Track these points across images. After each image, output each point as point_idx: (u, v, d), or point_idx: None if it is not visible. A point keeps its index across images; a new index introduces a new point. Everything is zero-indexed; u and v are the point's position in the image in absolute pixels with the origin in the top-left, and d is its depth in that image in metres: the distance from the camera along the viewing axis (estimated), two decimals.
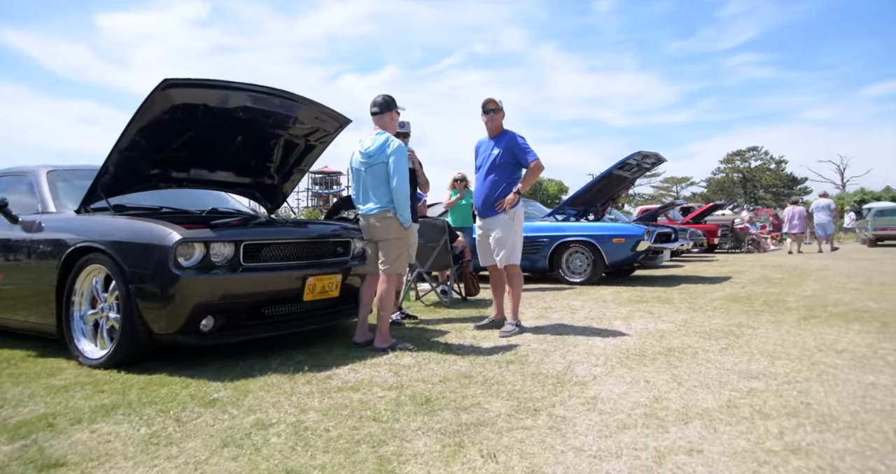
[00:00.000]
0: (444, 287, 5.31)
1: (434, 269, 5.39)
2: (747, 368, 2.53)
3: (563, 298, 5.25)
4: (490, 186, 3.66)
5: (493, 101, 3.66)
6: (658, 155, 6.86)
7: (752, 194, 47.77)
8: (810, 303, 4.44)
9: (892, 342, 2.99)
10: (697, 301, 4.79)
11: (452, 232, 5.16)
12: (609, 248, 6.25)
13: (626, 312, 4.25)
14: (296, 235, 3.19)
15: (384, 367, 2.76)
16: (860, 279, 6.26)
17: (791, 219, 13.33)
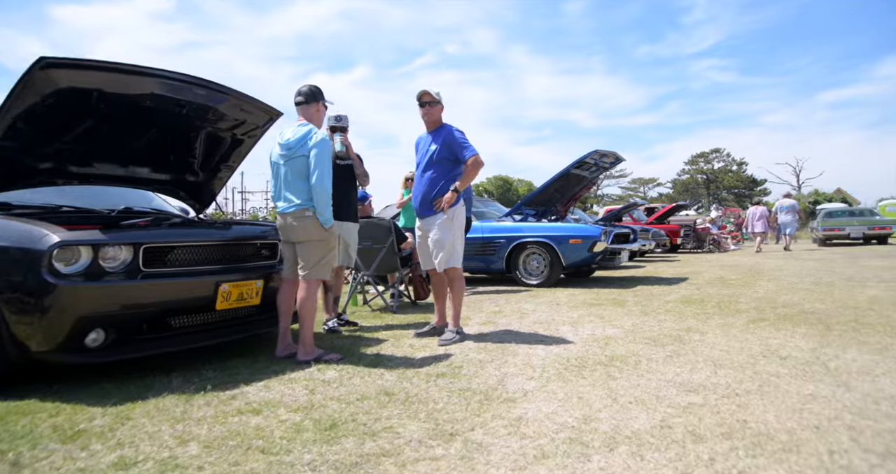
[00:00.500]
0: (394, 290, 5.06)
1: (380, 273, 5.13)
2: (688, 379, 2.37)
3: (516, 301, 5.07)
4: (427, 184, 3.43)
5: (428, 93, 3.43)
6: (616, 154, 6.77)
7: (715, 195, 49.13)
8: (761, 305, 4.38)
9: (833, 346, 2.90)
10: (651, 303, 4.68)
11: (400, 233, 4.91)
12: (566, 249, 6.11)
13: (577, 316, 4.09)
14: (210, 237, 2.89)
15: (301, 384, 2.49)
16: (811, 279, 6.30)
17: (753, 219, 13.68)
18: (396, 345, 3.35)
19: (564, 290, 5.83)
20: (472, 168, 3.34)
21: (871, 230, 15.42)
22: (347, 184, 4.02)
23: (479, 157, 3.34)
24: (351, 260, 4.10)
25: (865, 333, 3.21)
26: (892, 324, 3.46)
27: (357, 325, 4.06)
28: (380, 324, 4.13)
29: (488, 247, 6.56)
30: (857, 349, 2.84)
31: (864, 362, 2.58)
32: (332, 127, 3.98)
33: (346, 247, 4.03)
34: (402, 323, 4.18)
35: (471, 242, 6.47)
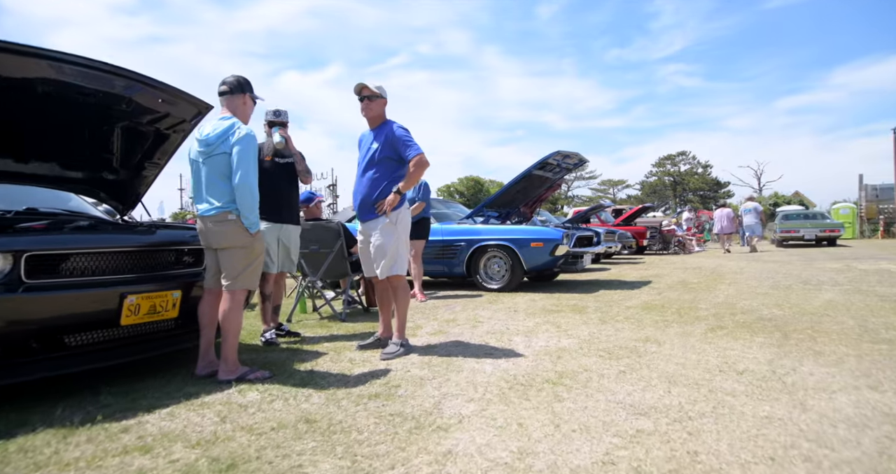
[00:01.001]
0: (346, 297, 4.78)
1: (328, 278, 4.85)
2: (640, 400, 2.19)
3: (473, 307, 4.86)
4: (368, 185, 3.17)
5: (367, 87, 3.17)
6: (579, 155, 6.65)
7: (682, 197, 50.34)
8: (720, 311, 4.28)
9: (790, 358, 2.78)
10: (611, 310, 4.53)
11: (350, 236, 4.63)
12: (527, 253, 5.94)
13: (533, 325, 3.90)
14: (116, 243, 2.55)
15: (214, 409, 2.20)
16: (769, 283, 6.31)
17: (721, 221, 14.14)
18: (336, 359, 3.08)
19: (525, 295, 5.65)
20: (417, 168, 3.09)
21: (822, 232, 16.40)
22: (288, 184, 3.73)
23: (423, 157, 3.10)
24: (293, 265, 3.81)
25: (821, 342, 3.12)
26: (846, 332, 3.39)
27: (299, 336, 3.77)
28: (324, 335, 3.85)
29: (448, 250, 6.34)
30: (814, 360, 2.72)
31: (821, 376, 2.45)
32: (271, 121, 3.68)
33: (288, 252, 3.74)
34: (349, 333, 3.91)
35: (430, 245, 6.25)
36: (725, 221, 14.20)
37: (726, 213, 14.38)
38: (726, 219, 14.20)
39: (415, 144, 3.13)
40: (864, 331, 3.39)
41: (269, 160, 3.64)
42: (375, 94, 3.19)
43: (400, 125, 3.21)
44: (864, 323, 3.67)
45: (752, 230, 13.98)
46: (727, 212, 14.41)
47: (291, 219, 3.72)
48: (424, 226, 5.75)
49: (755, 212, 14.03)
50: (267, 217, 3.61)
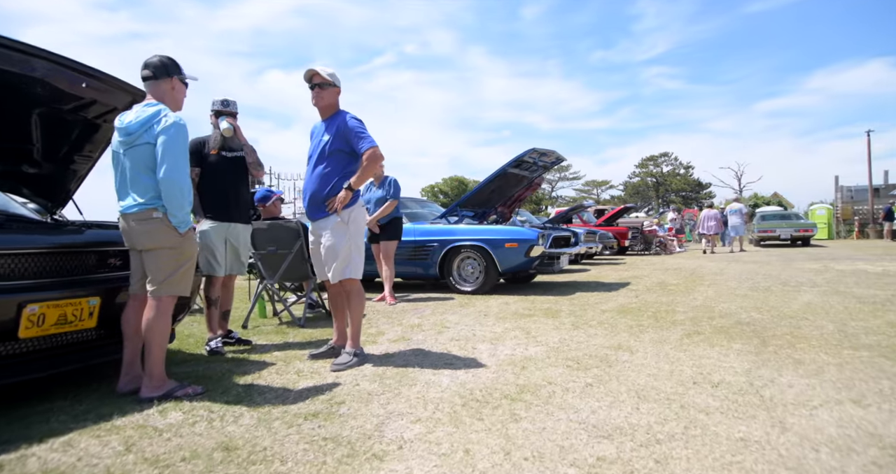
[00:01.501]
0: (308, 300, 4.50)
1: (288, 280, 4.57)
2: (605, 418, 1.97)
3: (443, 311, 4.62)
4: (319, 181, 2.91)
5: (318, 74, 2.91)
6: (556, 153, 6.46)
7: (664, 198, 50.82)
8: (697, 315, 4.11)
9: (768, 367, 2.59)
10: (585, 314, 4.33)
11: None
12: (501, 254, 5.73)
13: (501, 331, 3.68)
14: (16, 245, 2.25)
15: (123, 434, 1.93)
16: (748, 284, 6.19)
17: (706, 221, 14.28)
18: (282, 370, 2.81)
19: (498, 298, 5.43)
20: (370, 162, 2.84)
21: (797, 232, 17.17)
22: (237, 179, 3.45)
23: (377, 150, 2.85)
24: (242, 267, 3.52)
25: (801, 349, 2.95)
26: (826, 337, 3.23)
27: (250, 344, 3.49)
28: (278, 342, 3.57)
29: (420, 251, 6.09)
30: (793, 370, 2.54)
31: (801, 388, 2.27)
32: (218, 111, 3.40)
33: (237, 253, 3.45)
34: (305, 340, 3.64)
35: (403, 246, 6.00)
36: (712, 222, 14.36)
37: (713, 214, 14.54)
38: (713, 219, 14.37)
39: (368, 136, 2.88)
40: (844, 337, 3.23)
41: (216, 154, 3.36)
42: (327, 82, 2.93)
43: (353, 116, 2.95)
44: (844, 327, 3.52)
45: (737, 230, 14.26)
46: (713, 213, 14.60)
47: (240, 217, 3.44)
48: (396, 226, 5.51)
49: (740, 213, 14.35)
50: (213, 216, 3.34)
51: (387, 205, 5.38)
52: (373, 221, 5.45)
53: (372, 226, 5.49)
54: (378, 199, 5.46)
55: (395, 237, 5.51)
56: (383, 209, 5.38)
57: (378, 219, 5.42)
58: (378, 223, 5.47)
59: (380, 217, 5.41)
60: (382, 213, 5.40)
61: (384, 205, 5.39)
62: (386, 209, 5.38)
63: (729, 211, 14.75)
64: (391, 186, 5.40)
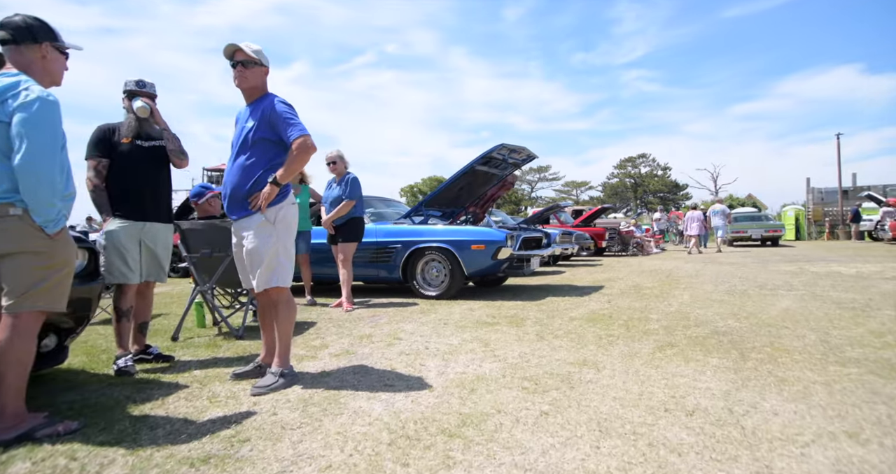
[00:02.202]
0: (252, 308, 4.08)
1: (225, 286, 4.13)
2: (557, 463, 1.62)
3: (400, 319, 4.24)
4: (241, 174, 2.51)
5: (240, 50, 2.51)
6: (528, 150, 6.13)
7: (642, 199, 51.30)
8: (672, 323, 3.81)
9: (749, 387, 2.29)
10: (552, 322, 4.00)
11: None
12: (467, 256, 5.37)
13: (458, 343, 3.32)
14: None
15: None
16: (725, 288, 5.97)
17: (691, 222, 14.60)
18: (194, 394, 2.40)
19: (463, 304, 5.08)
20: (300, 153, 2.44)
21: (766, 232, 18.37)
22: (154, 171, 3.02)
23: (308, 139, 2.45)
24: (162, 272, 3.08)
25: (783, 364, 2.65)
26: (808, 349, 2.95)
27: (170, 361, 3.06)
28: (204, 358, 3.14)
29: (383, 253, 5.70)
30: (778, 392, 2.23)
31: (788, 417, 1.95)
32: (131, 92, 2.96)
33: (155, 257, 3.01)
34: (238, 354, 3.22)
35: (364, 247, 5.60)
36: (696, 223, 14.63)
37: (696, 215, 14.80)
38: (696, 220, 14.64)
39: (298, 123, 2.48)
40: (828, 349, 2.95)
41: (129, 142, 2.92)
42: (252, 60, 2.53)
43: (282, 99, 2.55)
44: (827, 337, 3.25)
45: (719, 231, 14.58)
46: (697, 214, 14.86)
47: (159, 215, 3.01)
48: (355, 227, 5.11)
49: (722, 214, 14.70)
50: (124, 214, 2.90)
51: (342, 205, 4.98)
52: (328, 222, 5.06)
53: (326, 226, 5.10)
54: (335, 198, 5.06)
55: (354, 239, 5.12)
56: (338, 210, 4.98)
57: (333, 219, 5.03)
58: (334, 223, 5.07)
59: (335, 217, 5.02)
60: (338, 214, 5.00)
61: (340, 204, 5.00)
62: (341, 209, 4.98)
63: (711, 212, 15.05)
64: (348, 185, 5.01)
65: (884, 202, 20.49)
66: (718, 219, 14.58)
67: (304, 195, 5.46)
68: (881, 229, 20.22)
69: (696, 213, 14.92)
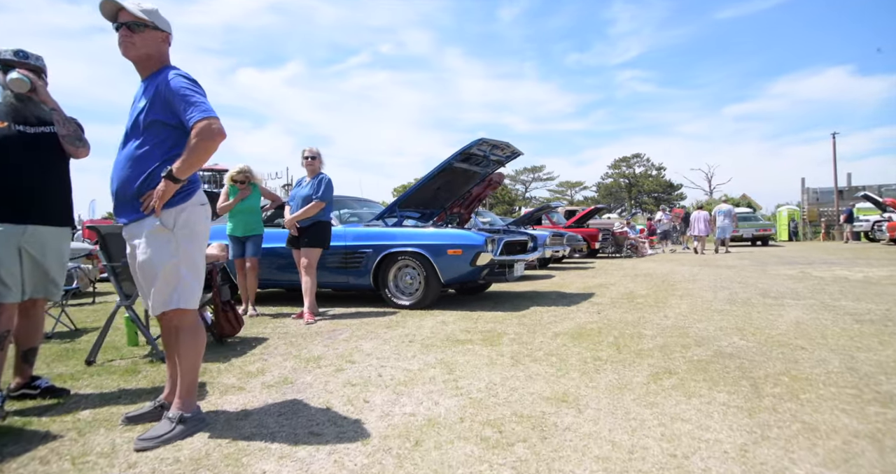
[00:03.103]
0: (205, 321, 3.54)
1: None
2: None
3: (362, 335, 3.72)
4: (129, 166, 1.99)
5: (124, 9, 1.98)
6: (512, 147, 5.63)
7: (636, 199, 50.98)
8: (669, 342, 3.32)
9: (769, 441, 1.78)
10: (533, 339, 3.50)
11: None
12: (443, 262, 4.86)
13: (418, 369, 2.81)
14: None
15: None
16: (725, 295, 5.49)
17: (697, 222, 14.50)
18: (60, 450, 1.88)
19: (437, 315, 4.56)
20: (201, 140, 1.91)
21: (757, 232, 19.23)
22: (40, 161, 2.47)
23: (214, 123, 1.92)
24: (53, 287, 2.53)
25: (809, 404, 2.16)
26: (834, 380, 2.46)
27: (64, 395, 2.52)
28: (109, 390, 2.61)
29: (352, 258, 5.18)
30: (809, 448, 1.73)
31: None
32: (6, 62, 2.43)
33: (40, 269, 2.46)
34: (153, 384, 2.69)
35: (332, 251, 5.09)
36: (702, 224, 14.56)
37: (703, 216, 14.67)
38: (702, 221, 14.55)
39: (202, 102, 1.96)
40: (858, 380, 2.46)
41: (4, 127, 2.38)
42: (140, 21, 2.00)
43: (183, 73, 2.03)
44: (853, 362, 2.76)
45: (724, 231, 14.50)
46: (703, 215, 14.72)
47: (47, 217, 2.46)
48: (320, 231, 4.59)
49: (728, 215, 14.67)
50: None
51: (311, 206, 4.47)
52: (291, 221, 4.55)
53: (289, 225, 4.59)
54: (304, 197, 4.55)
55: (319, 244, 4.60)
56: (306, 210, 4.47)
57: (298, 219, 4.51)
58: (298, 225, 4.55)
59: (301, 217, 4.50)
60: (304, 214, 4.49)
61: (308, 205, 4.48)
62: (309, 210, 4.47)
63: (717, 212, 14.90)
64: (321, 186, 4.51)
65: (881, 203, 20.17)
66: (724, 220, 14.47)
67: (254, 197, 4.92)
68: (878, 230, 19.92)
69: (702, 213, 14.81)
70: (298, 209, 4.56)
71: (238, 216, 4.80)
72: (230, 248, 4.82)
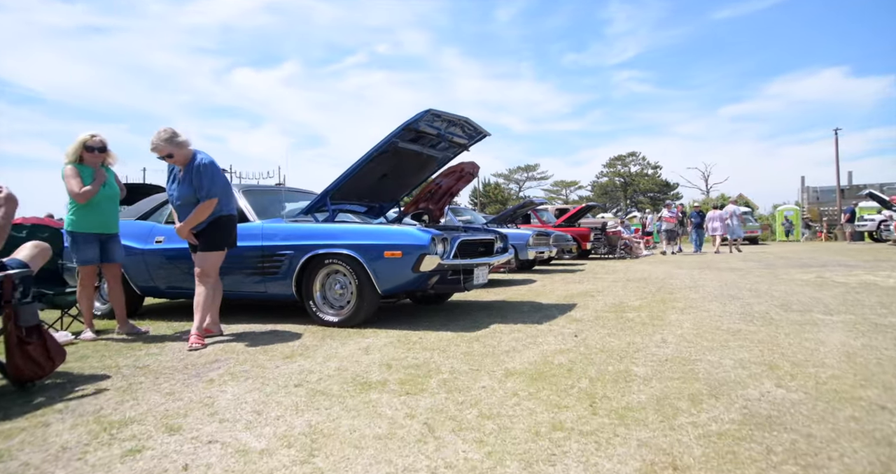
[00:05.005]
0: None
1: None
2: None
3: (240, 372, 2.63)
4: None
5: None
6: (472, 123, 4.55)
7: (632, 198, 49.99)
8: (669, 391, 2.25)
9: None
10: (473, 383, 2.42)
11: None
12: (379, 267, 3.78)
13: (261, 449, 1.72)
14: None
15: None
16: (737, 307, 4.43)
17: (711, 222, 14.46)
18: None
19: (369, 336, 3.47)
20: None
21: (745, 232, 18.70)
22: None
23: None
24: None
25: None
26: None
27: None
28: None
29: (270, 262, 4.09)
30: None
31: None
32: None
33: None
34: None
35: (245, 254, 4.02)
36: (717, 223, 14.30)
37: (720, 215, 14.36)
38: (717, 220, 14.37)
39: None
40: None
41: None
42: None
43: None
44: None
45: (733, 232, 14.26)
46: (719, 214, 14.46)
47: None
48: (219, 230, 3.51)
49: (736, 215, 14.42)
50: None
51: (201, 208, 3.39)
52: (185, 229, 3.45)
53: (185, 236, 3.50)
54: (186, 198, 3.45)
55: (218, 246, 3.51)
56: (196, 215, 3.39)
57: (191, 226, 3.43)
58: (194, 231, 3.48)
59: (194, 224, 3.42)
60: (196, 220, 3.41)
61: (197, 207, 3.40)
62: (200, 214, 3.40)
63: (726, 212, 14.55)
64: (201, 176, 3.38)
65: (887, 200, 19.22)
66: (734, 220, 14.27)
67: (111, 181, 3.76)
68: (885, 229, 18.98)
69: (716, 213, 14.55)
70: (181, 211, 3.49)
71: (93, 206, 3.61)
72: (78, 250, 3.62)
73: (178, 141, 3.38)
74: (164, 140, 3.34)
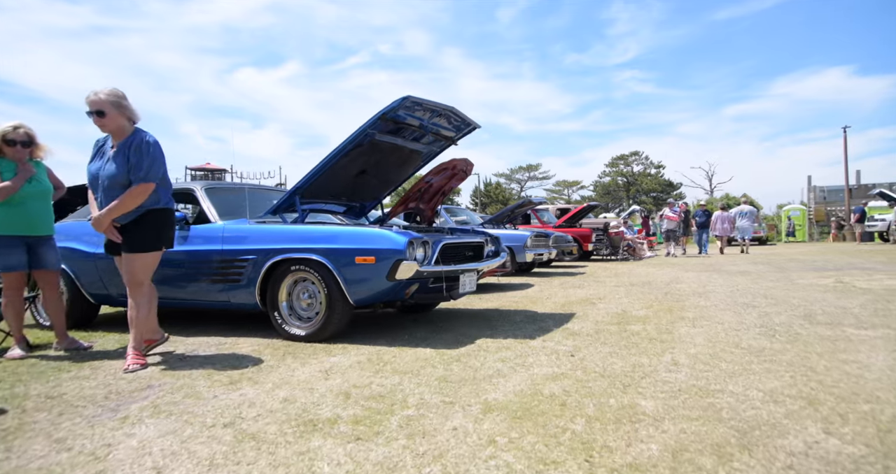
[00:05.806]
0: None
1: None
2: None
3: (168, 403, 2.18)
4: None
5: None
6: (458, 113, 4.08)
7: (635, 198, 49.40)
8: (687, 440, 1.79)
9: None
10: (442, 424, 1.97)
11: None
12: (350, 274, 3.33)
13: None
14: None
15: None
16: (754, 318, 3.96)
17: (717, 222, 14.24)
18: None
19: (336, 353, 3.02)
20: None
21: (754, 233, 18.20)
22: None
23: None
24: None
25: None
26: None
27: None
28: None
29: (232, 268, 3.64)
30: None
31: None
32: None
33: None
34: None
35: (203, 258, 3.59)
36: (725, 223, 14.16)
37: (727, 216, 14.26)
38: (724, 221, 14.14)
39: None
40: None
41: None
42: None
43: None
44: None
45: (744, 232, 14.04)
46: (725, 215, 14.27)
47: None
48: (153, 226, 2.99)
49: (750, 215, 14.26)
50: None
51: (132, 192, 2.87)
52: (106, 220, 2.93)
53: (105, 229, 2.98)
54: (113, 178, 2.89)
55: (150, 245, 2.99)
56: (123, 200, 2.87)
57: (115, 215, 2.93)
58: (117, 224, 2.98)
59: (119, 214, 2.92)
60: (123, 208, 2.89)
61: (127, 192, 2.89)
62: (129, 200, 2.87)
63: (738, 213, 14.31)
64: (142, 155, 2.87)
65: None
66: (745, 221, 14.04)
67: (40, 177, 3.31)
68: None
69: (723, 214, 14.34)
70: (108, 198, 2.91)
71: (16, 205, 3.16)
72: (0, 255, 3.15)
73: (123, 104, 2.87)
74: (107, 94, 2.83)
